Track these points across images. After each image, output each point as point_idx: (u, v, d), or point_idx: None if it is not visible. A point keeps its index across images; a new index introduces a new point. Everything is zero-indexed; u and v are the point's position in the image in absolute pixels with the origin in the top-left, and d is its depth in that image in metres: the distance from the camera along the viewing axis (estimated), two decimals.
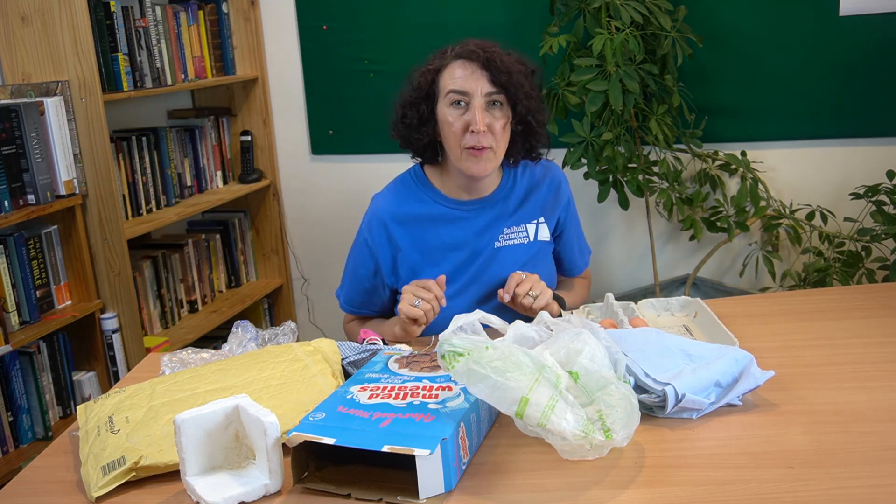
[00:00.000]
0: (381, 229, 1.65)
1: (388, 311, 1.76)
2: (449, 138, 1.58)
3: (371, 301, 1.73)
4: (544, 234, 1.71)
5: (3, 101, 2.13)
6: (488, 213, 1.68)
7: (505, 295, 1.55)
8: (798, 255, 2.55)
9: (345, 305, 1.76)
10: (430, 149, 1.65)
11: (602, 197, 2.46)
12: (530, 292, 1.54)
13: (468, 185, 1.66)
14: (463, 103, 1.55)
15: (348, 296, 1.74)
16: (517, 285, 1.55)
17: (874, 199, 2.35)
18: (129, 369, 2.13)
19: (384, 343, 1.45)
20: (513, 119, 1.59)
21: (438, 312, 1.53)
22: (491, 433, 1.14)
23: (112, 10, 2.32)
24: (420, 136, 1.62)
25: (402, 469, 1.01)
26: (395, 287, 1.69)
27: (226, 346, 1.47)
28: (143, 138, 2.57)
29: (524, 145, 1.65)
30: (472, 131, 1.53)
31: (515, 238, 1.68)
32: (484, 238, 1.67)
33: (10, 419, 2.13)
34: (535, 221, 1.70)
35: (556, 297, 1.66)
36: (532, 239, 1.70)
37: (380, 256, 1.66)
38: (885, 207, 2.34)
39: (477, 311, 1.21)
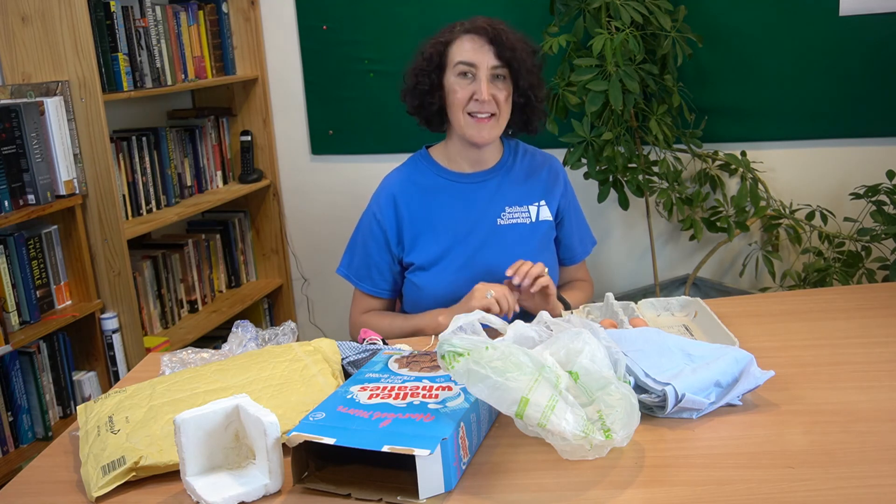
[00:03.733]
0: (388, 201, 1.75)
1: (399, 287, 1.80)
2: (454, 105, 1.67)
3: (382, 276, 1.77)
4: (546, 215, 1.77)
5: (3, 101, 2.13)
6: (489, 186, 1.75)
7: (510, 271, 1.58)
8: (798, 255, 2.55)
9: (357, 282, 1.79)
10: (438, 116, 1.75)
11: (602, 197, 2.46)
12: (541, 273, 1.58)
13: (470, 156, 1.75)
14: (470, 75, 1.66)
15: (359, 272, 1.79)
16: (522, 265, 1.58)
17: (874, 199, 2.35)
18: (129, 369, 2.13)
19: (384, 343, 1.45)
20: (514, 93, 1.69)
21: (511, 309, 1.58)
22: (491, 433, 1.14)
23: (112, 10, 2.32)
24: (433, 99, 1.71)
25: (402, 469, 1.01)
26: (402, 257, 1.75)
27: (226, 346, 1.47)
28: (143, 138, 2.57)
29: (522, 118, 1.75)
30: (477, 100, 1.64)
31: (518, 217, 1.74)
32: (486, 213, 1.73)
33: (10, 419, 2.13)
34: (537, 203, 1.77)
35: (560, 299, 1.68)
36: (534, 220, 1.75)
37: (387, 227, 1.74)
38: (885, 207, 2.34)
39: (477, 311, 1.21)
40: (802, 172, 2.61)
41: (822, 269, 2.36)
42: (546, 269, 1.59)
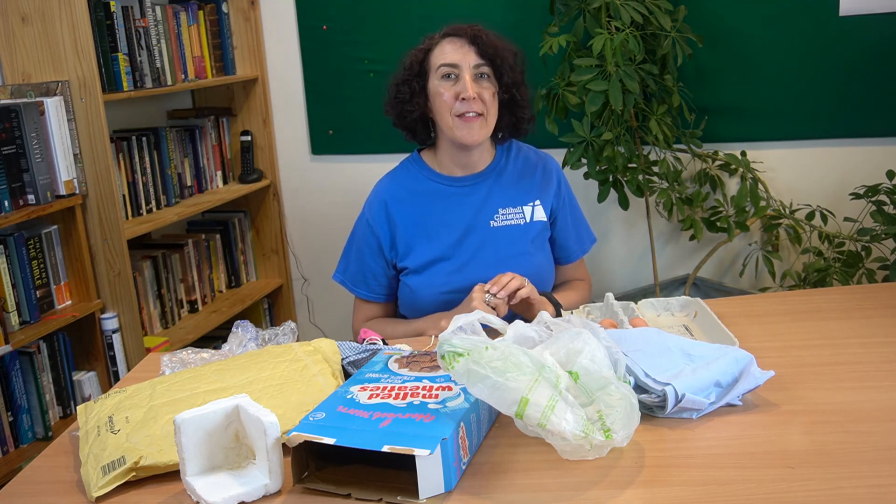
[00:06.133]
0: (380, 207, 1.75)
1: (395, 292, 1.81)
2: (441, 108, 1.67)
3: (377, 281, 1.78)
4: (540, 215, 1.77)
5: (3, 101, 2.13)
6: (481, 189, 1.75)
7: (491, 286, 1.58)
8: (798, 255, 2.55)
9: (353, 288, 1.81)
10: (421, 124, 1.75)
11: (602, 197, 2.46)
12: (520, 285, 1.59)
13: (461, 159, 1.75)
14: (453, 75, 1.66)
15: (354, 278, 1.80)
16: (501, 278, 1.59)
17: (874, 199, 2.35)
18: (129, 369, 2.13)
19: (384, 343, 1.45)
20: (499, 90, 1.69)
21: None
22: (491, 433, 1.14)
23: (112, 10, 2.32)
24: (412, 107, 1.71)
25: (402, 469, 1.01)
26: (396, 262, 1.76)
27: (226, 346, 1.47)
28: (143, 138, 2.57)
29: (510, 119, 1.74)
30: (463, 98, 1.64)
31: (512, 219, 1.74)
32: (479, 216, 1.74)
33: (10, 419, 2.13)
34: (532, 203, 1.77)
35: (553, 302, 1.68)
36: (529, 220, 1.76)
37: (380, 233, 1.74)
38: (885, 207, 2.34)
39: (476, 311, 1.21)
40: (802, 172, 2.61)
41: (822, 269, 2.36)
42: (527, 282, 1.60)
